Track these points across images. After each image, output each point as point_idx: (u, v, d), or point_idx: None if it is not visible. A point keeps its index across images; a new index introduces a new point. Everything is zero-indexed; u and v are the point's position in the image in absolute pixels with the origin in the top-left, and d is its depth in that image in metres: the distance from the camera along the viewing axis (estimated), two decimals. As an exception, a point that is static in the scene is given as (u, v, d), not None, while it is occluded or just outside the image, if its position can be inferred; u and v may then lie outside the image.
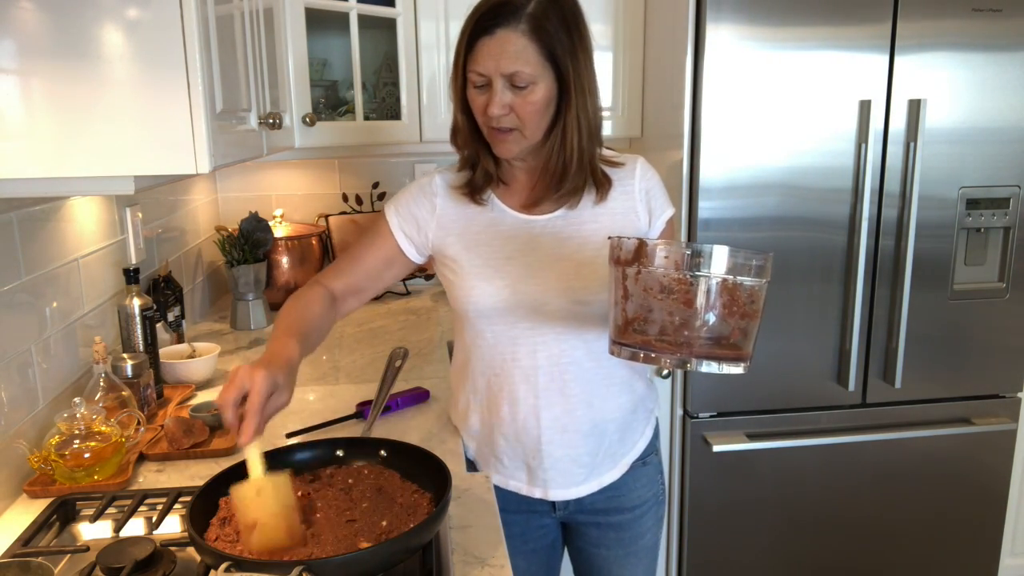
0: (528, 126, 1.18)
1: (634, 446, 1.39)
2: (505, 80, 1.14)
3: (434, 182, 1.31)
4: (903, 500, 2.27)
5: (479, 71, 1.15)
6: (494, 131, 1.19)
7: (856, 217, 2.05)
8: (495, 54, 1.13)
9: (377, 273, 1.33)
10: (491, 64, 1.14)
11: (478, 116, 1.20)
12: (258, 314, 2.20)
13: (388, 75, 2.37)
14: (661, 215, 1.31)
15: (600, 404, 1.30)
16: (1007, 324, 2.19)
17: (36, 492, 1.25)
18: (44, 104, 0.98)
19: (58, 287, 1.44)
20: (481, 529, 1.14)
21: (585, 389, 1.29)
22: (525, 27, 1.13)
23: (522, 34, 1.13)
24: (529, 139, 1.20)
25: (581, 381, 1.28)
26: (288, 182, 2.62)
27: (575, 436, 1.30)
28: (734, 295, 0.97)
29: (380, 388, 1.51)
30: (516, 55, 1.13)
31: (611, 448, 1.35)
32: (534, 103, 1.16)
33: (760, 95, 1.97)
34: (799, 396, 2.17)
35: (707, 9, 1.91)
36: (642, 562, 1.46)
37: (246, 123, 1.32)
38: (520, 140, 1.20)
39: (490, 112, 1.16)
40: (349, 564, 0.89)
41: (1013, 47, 2.03)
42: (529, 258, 1.25)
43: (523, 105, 1.16)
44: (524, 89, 1.15)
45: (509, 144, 1.20)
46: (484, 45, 1.14)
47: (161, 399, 1.61)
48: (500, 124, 1.17)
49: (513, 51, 1.13)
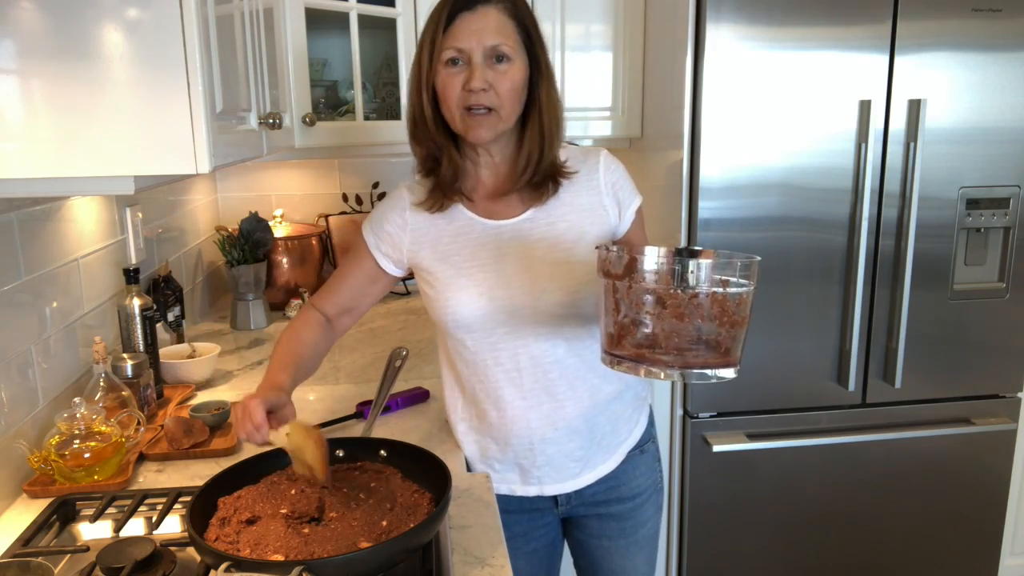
0: (505, 105, 1.17)
1: (629, 435, 1.39)
2: (486, 55, 1.15)
3: (403, 196, 1.32)
4: (903, 500, 2.27)
5: (458, 46, 1.15)
6: (470, 114, 1.17)
7: (856, 217, 2.05)
8: (477, 29, 1.14)
9: (363, 291, 1.36)
10: (473, 39, 1.14)
11: (452, 99, 1.17)
12: (258, 314, 2.20)
13: (388, 75, 2.37)
14: (630, 206, 1.30)
15: (588, 398, 1.30)
16: (1007, 324, 2.19)
17: (36, 492, 1.25)
18: (44, 104, 0.98)
19: (58, 287, 1.44)
20: (481, 529, 1.14)
21: (571, 385, 1.29)
22: (504, 6, 1.16)
23: (502, 11, 1.16)
24: (505, 121, 1.19)
25: (566, 378, 1.28)
26: (288, 182, 2.62)
27: (565, 432, 1.30)
28: (724, 305, 0.98)
29: (380, 388, 1.51)
30: (497, 30, 1.15)
31: (604, 439, 1.35)
32: (513, 80, 1.17)
33: (760, 95, 1.97)
34: (799, 396, 2.17)
35: (707, 9, 1.91)
36: (643, 551, 1.46)
37: (246, 123, 1.32)
38: (496, 123, 1.18)
39: (472, 86, 1.14)
40: (349, 564, 0.89)
41: (1013, 47, 2.02)
42: (501, 263, 1.25)
43: (503, 81, 1.16)
44: (503, 66, 1.16)
45: (485, 128, 1.18)
46: (464, 20, 1.14)
47: (161, 399, 1.61)
48: (479, 101, 1.15)
49: (495, 26, 1.15)
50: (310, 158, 2.53)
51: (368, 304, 1.38)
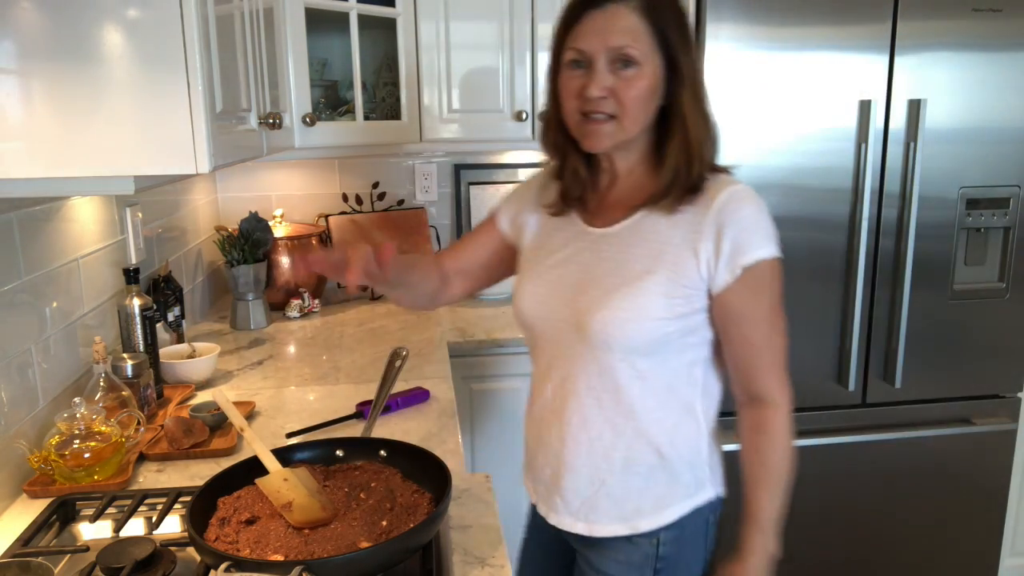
0: (629, 114, 1.05)
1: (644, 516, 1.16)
2: (609, 59, 1.04)
3: (537, 180, 1.27)
4: (903, 500, 2.27)
5: (580, 47, 1.05)
6: (586, 120, 1.07)
7: (856, 217, 2.05)
8: (602, 29, 1.03)
9: (481, 257, 1.30)
10: (596, 40, 1.04)
11: (570, 102, 1.07)
12: (258, 314, 2.20)
13: (388, 75, 2.36)
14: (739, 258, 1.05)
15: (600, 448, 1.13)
16: (1007, 324, 2.19)
17: (36, 492, 1.25)
18: (44, 104, 0.98)
19: (58, 287, 1.44)
20: (481, 529, 1.14)
21: (583, 426, 1.13)
22: (638, 3, 1.04)
23: (634, 10, 1.03)
24: (627, 131, 1.07)
25: (578, 416, 1.13)
26: (288, 182, 2.62)
27: (566, 470, 1.16)
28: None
29: (380, 388, 1.51)
30: (626, 30, 1.03)
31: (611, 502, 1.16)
32: (639, 88, 1.04)
33: (760, 95, 1.97)
34: (799, 396, 2.13)
35: (707, 9, 1.91)
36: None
37: (246, 123, 1.32)
38: (616, 131, 1.07)
39: (588, 93, 1.04)
40: (349, 564, 0.89)
41: (1013, 47, 2.02)
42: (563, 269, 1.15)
43: (626, 89, 1.04)
44: (629, 71, 1.04)
45: (602, 135, 1.07)
46: (591, 18, 1.04)
47: (161, 399, 1.61)
48: (598, 108, 1.05)
49: (624, 26, 1.03)
50: (310, 158, 2.53)
51: (484, 276, 1.31)
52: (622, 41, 1.03)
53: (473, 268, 1.30)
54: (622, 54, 1.03)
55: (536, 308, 1.16)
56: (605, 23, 1.03)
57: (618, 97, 1.04)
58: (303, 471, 1.06)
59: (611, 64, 1.04)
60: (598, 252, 1.13)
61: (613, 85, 1.04)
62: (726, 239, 1.05)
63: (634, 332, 1.07)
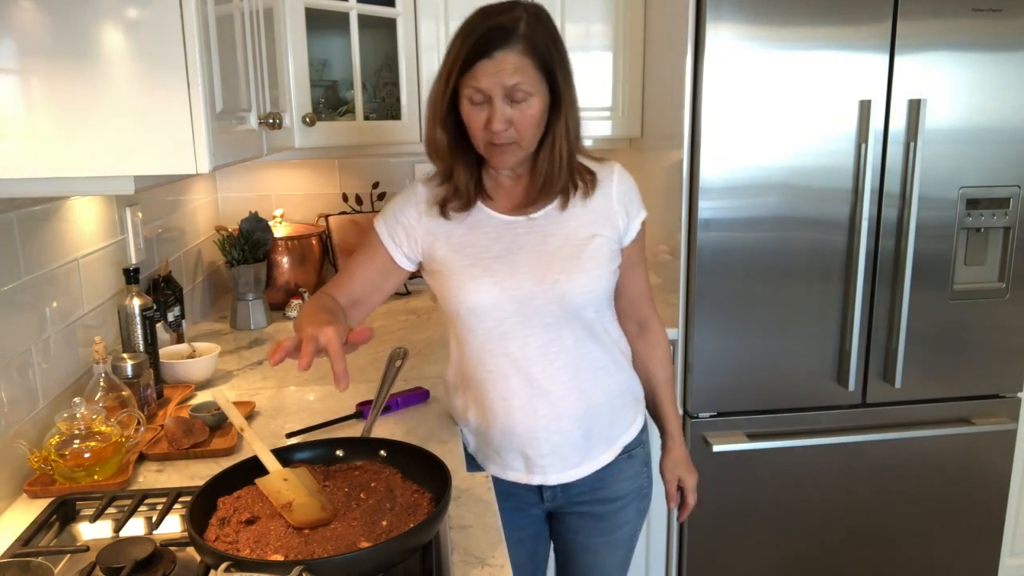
0: (526, 138, 1.24)
1: (626, 431, 1.44)
2: (505, 95, 1.20)
3: (418, 191, 1.36)
4: (903, 500, 2.27)
5: (479, 87, 1.20)
6: (493, 146, 1.24)
7: (856, 217, 2.05)
8: (495, 72, 1.18)
9: (374, 284, 1.38)
10: (492, 81, 1.19)
11: (477, 132, 1.24)
12: (258, 314, 2.20)
13: (388, 75, 2.36)
14: (637, 217, 1.38)
15: (590, 388, 1.35)
16: (1007, 324, 2.19)
17: (36, 492, 1.25)
18: (44, 104, 0.98)
19: (58, 287, 1.44)
20: (481, 529, 1.14)
21: (575, 375, 1.33)
22: (521, 46, 1.19)
23: (519, 53, 1.19)
24: (526, 149, 1.26)
25: (571, 368, 1.33)
26: (288, 182, 2.62)
27: (569, 421, 1.34)
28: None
29: (380, 388, 1.50)
30: (515, 70, 1.19)
31: (603, 431, 1.39)
32: (532, 116, 1.22)
33: (760, 95, 1.97)
34: (799, 396, 2.17)
35: (707, 9, 1.91)
36: (618, 551, 1.50)
37: (246, 123, 1.32)
38: (517, 152, 1.26)
39: (493, 128, 1.21)
40: (349, 564, 0.89)
41: (1013, 47, 2.02)
42: (515, 256, 1.30)
43: (522, 119, 1.21)
44: (522, 103, 1.21)
45: (508, 156, 1.26)
46: (483, 66, 1.19)
47: (161, 399, 1.61)
48: (500, 139, 1.22)
49: (512, 68, 1.18)
50: (310, 158, 2.54)
51: (377, 300, 1.41)
52: (514, 80, 1.19)
53: (367, 296, 1.39)
54: (515, 90, 1.19)
55: (498, 296, 1.29)
56: (497, 67, 1.18)
57: (516, 126, 1.22)
58: (303, 471, 1.06)
59: (507, 98, 1.20)
60: (539, 233, 1.31)
61: (511, 116, 1.21)
62: (631, 203, 1.36)
63: (603, 287, 1.33)
